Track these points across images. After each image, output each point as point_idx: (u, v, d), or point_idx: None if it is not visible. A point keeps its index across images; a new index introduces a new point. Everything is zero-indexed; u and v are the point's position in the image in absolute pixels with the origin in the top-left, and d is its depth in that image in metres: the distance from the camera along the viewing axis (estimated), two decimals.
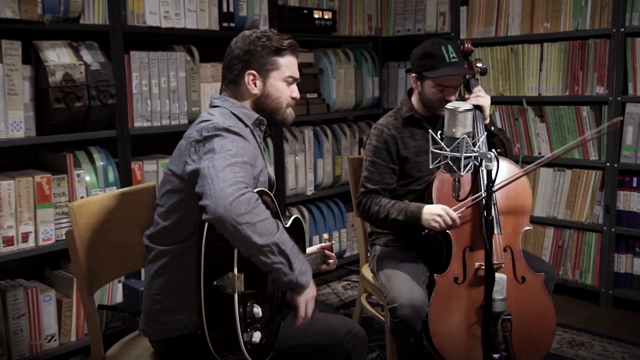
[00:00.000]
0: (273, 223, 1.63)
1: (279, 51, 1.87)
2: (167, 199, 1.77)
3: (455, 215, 2.23)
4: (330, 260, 2.12)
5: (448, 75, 2.37)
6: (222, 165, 1.60)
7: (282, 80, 1.89)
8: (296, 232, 1.95)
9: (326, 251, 2.12)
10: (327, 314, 2.09)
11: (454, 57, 2.37)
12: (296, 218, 1.99)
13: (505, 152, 2.54)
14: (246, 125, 1.84)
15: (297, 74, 1.92)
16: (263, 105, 1.89)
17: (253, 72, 1.86)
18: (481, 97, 2.47)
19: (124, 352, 1.95)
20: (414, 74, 2.48)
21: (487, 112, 2.48)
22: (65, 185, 2.73)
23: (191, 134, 1.74)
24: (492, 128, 2.51)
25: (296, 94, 1.94)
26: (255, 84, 1.87)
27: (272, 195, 1.83)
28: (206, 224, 1.65)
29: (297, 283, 1.70)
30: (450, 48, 2.38)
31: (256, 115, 1.88)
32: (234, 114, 1.83)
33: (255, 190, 1.66)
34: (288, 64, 1.89)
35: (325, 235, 2.20)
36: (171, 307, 1.76)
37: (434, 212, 2.24)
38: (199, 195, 1.61)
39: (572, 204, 3.53)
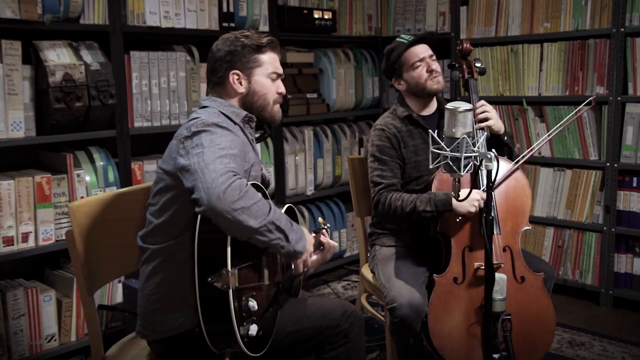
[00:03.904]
0: (265, 203, 1.66)
1: (259, 48, 1.91)
2: (160, 197, 1.80)
3: (484, 195, 2.20)
4: (324, 240, 2.02)
5: (414, 44, 2.45)
6: (211, 158, 1.63)
7: (267, 76, 1.93)
8: None
9: (322, 237, 2.08)
10: (321, 297, 2.10)
11: (410, 37, 2.48)
12: (289, 206, 2.00)
13: (510, 158, 2.50)
14: (235, 123, 1.86)
15: (280, 70, 1.97)
16: (250, 103, 1.93)
17: (237, 71, 1.90)
18: (489, 117, 2.42)
19: (124, 352, 1.96)
20: (393, 79, 2.54)
21: (496, 127, 2.43)
22: (65, 185, 2.73)
23: (181, 132, 1.77)
24: (505, 138, 2.48)
25: (282, 89, 1.98)
26: (240, 83, 1.91)
27: (265, 190, 1.83)
28: (198, 220, 1.67)
29: (295, 251, 1.75)
30: (403, 36, 2.51)
31: (245, 113, 1.91)
32: (222, 113, 1.86)
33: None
34: (270, 60, 1.94)
35: (320, 219, 2.17)
36: (167, 306, 1.76)
37: (471, 197, 2.15)
38: (190, 191, 1.63)
39: (572, 204, 3.53)
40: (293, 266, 1.86)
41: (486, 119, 2.42)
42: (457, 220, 2.27)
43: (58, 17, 2.67)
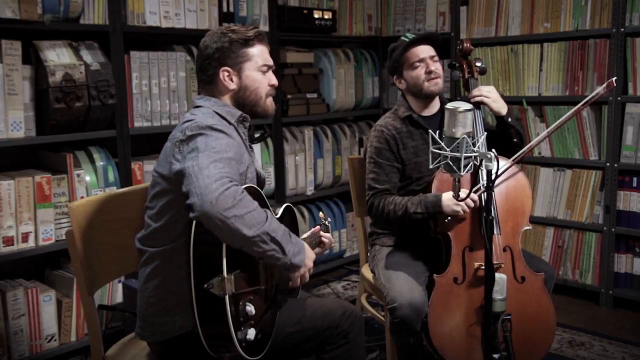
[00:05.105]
0: (261, 213, 1.64)
1: (247, 42, 1.88)
2: (157, 201, 1.78)
3: (476, 197, 2.22)
4: (326, 240, 2.07)
5: (416, 45, 2.45)
6: (206, 162, 1.61)
7: (257, 69, 1.90)
8: (288, 220, 1.96)
9: (321, 232, 2.09)
10: (321, 298, 2.10)
11: (413, 36, 2.48)
12: (287, 206, 1.99)
13: (521, 142, 2.50)
14: (230, 123, 1.84)
15: (270, 62, 1.94)
16: (243, 99, 1.90)
17: (227, 68, 1.87)
18: (484, 95, 2.45)
19: (124, 352, 1.95)
20: (394, 77, 2.55)
21: (495, 105, 2.44)
22: (65, 185, 2.73)
23: (175, 134, 1.75)
24: (509, 119, 2.47)
25: (274, 81, 1.94)
26: (231, 80, 1.88)
27: (261, 191, 1.82)
28: (193, 224, 1.65)
29: (292, 264, 1.73)
30: (408, 34, 2.51)
31: (239, 113, 1.88)
32: (217, 113, 1.83)
33: (243, 187, 1.66)
34: (259, 53, 1.90)
35: (321, 214, 2.17)
36: (166, 308, 1.76)
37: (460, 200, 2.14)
38: (185, 195, 1.62)
39: (572, 204, 3.53)
40: (290, 280, 1.83)
41: (480, 95, 2.43)
42: (446, 221, 2.28)
43: (58, 17, 2.67)
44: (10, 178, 2.60)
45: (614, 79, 2.26)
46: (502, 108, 2.46)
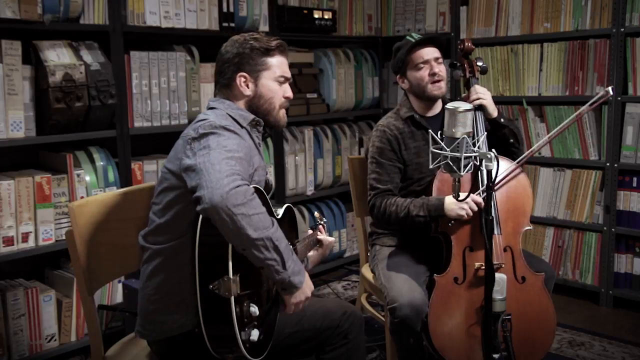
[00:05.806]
0: (268, 219, 1.63)
1: (268, 52, 1.89)
2: (164, 197, 1.79)
3: (480, 199, 2.22)
4: (320, 237, 2.06)
5: (421, 46, 2.45)
6: (218, 159, 1.61)
7: (274, 80, 1.91)
8: (288, 220, 1.96)
9: (318, 234, 2.09)
10: (321, 298, 2.10)
11: (419, 37, 2.48)
12: (288, 206, 1.99)
13: (517, 142, 2.51)
14: (242, 127, 1.85)
15: (288, 74, 1.95)
16: (256, 107, 1.91)
17: (244, 74, 1.88)
18: (481, 98, 2.46)
19: (124, 352, 1.96)
20: (397, 76, 2.55)
21: (490, 108, 2.46)
22: (65, 185, 2.73)
23: (188, 132, 1.76)
24: (502, 120, 2.48)
25: (289, 93, 1.96)
26: (247, 86, 1.89)
27: (266, 195, 1.82)
28: (199, 223, 1.65)
29: (290, 282, 1.69)
30: (414, 34, 2.51)
31: (252, 116, 1.89)
32: (230, 116, 1.84)
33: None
34: (278, 64, 1.91)
35: (317, 214, 2.15)
36: (167, 306, 1.76)
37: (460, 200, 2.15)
38: (193, 189, 1.61)
39: (572, 204, 3.53)
40: (285, 306, 1.77)
41: (478, 98, 2.45)
42: (450, 224, 2.27)
43: (58, 17, 2.67)
44: (10, 178, 2.60)
45: (610, 87, 2.28)
46: (494, 110, 2.48)
